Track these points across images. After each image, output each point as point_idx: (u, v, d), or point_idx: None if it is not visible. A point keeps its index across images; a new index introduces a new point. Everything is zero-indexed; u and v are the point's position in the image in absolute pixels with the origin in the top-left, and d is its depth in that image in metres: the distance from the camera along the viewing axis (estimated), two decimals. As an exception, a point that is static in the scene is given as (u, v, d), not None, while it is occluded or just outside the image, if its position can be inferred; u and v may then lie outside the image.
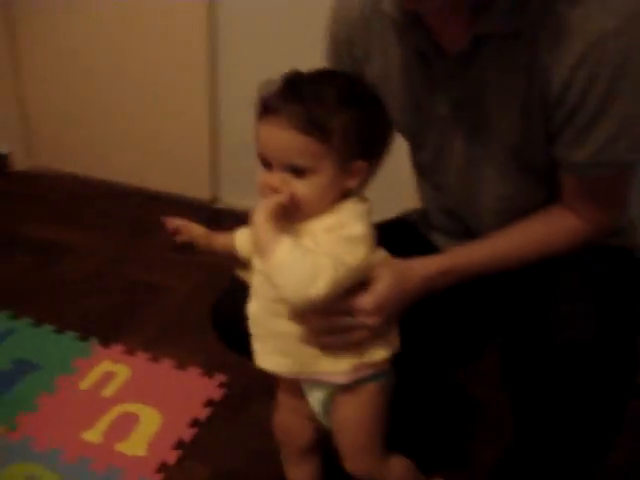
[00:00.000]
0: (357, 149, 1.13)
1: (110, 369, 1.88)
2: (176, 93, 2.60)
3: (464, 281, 1.23)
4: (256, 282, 1.21)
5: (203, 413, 1.76)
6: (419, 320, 1.27)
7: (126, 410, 1.76)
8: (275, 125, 1.09)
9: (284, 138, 1.09)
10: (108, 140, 2.78)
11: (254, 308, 1.22)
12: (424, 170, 1.41)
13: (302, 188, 1.11)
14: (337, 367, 1.19)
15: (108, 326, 2.05)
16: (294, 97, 1.09)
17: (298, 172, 1.11)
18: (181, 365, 1.91)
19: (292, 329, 1.17)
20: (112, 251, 2.44)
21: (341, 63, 1.32)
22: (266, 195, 1.12)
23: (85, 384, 1.84)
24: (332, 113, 1.09)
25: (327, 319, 1.15)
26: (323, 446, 1.36)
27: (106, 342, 1.98)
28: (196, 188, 2.72)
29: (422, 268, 1.21)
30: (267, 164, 1.13)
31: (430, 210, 1.46)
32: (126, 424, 1.72)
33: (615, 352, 1.09)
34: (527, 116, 1.16)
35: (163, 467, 1.61)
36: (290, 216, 1.12)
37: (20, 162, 2.92)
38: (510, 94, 1.16)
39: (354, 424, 1.26)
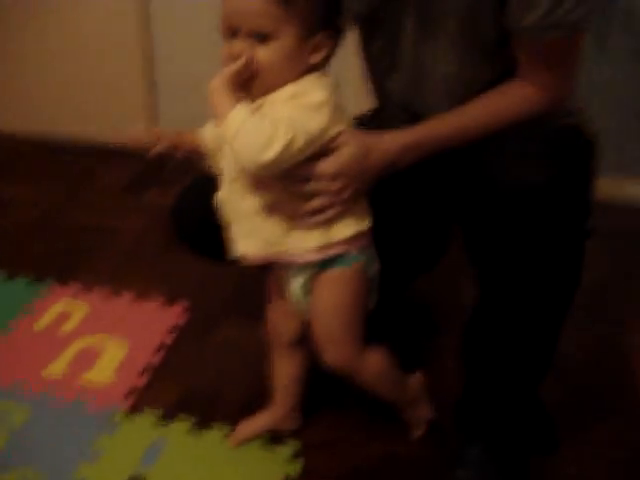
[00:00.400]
0: (319, 20, 1.14)
1: (68, 308, 1.81)
2: (107, 40, 2.53)
3: (427, 156, 1.23)
4: (224, 165, 1.21)
5: (169, 339, 1.71)
6: (382, 206, 1.26)
7: (88, 343, 1.70)
8: None
9: (249, 2, 1.10)
10: (41, 94, 2.69)
11: (223, 193, 1.22)
12: (376, 60, 1.38)
13: (263, 53, 1.12)
14: (305, 244, 1.19)
15: (62, 268, 1.97)
16: None
17: (260, 38, 1.11)
18: (141, 296, 1.86)
19: (257, 205, 1.17)
20: (57, 200, 2.34)
21: None
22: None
23: (42, 324, 1.77)
24: None
25: (289, 186, 1.15)
26: (308, 343, 1.34)
27: (61, 282, 1.91)
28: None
29: (388, 141, 1.21)
30: (230, 34, 1.12)
31: (383, 108, 1.45)
32: (90, 356, 1.66)
33: (565, 196, 1.11)
34: None
35: (133, 391, 1.56)
36: (251, 87, 1.13)
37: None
38: None
39: (329, 310, 1.25)
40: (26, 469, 1.39)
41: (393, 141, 1.22)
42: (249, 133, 1.07)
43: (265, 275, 1.35)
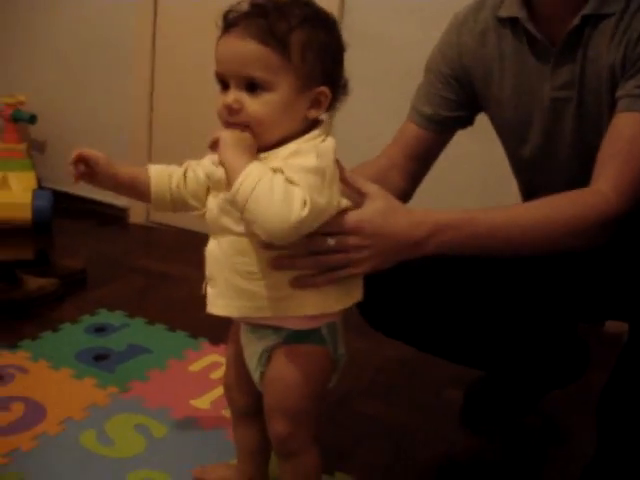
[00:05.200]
0: (317, 73, 1.08)
1: (219, 360, 1.96)
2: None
3: (459, 250, 1.16)
4: (211, 218, 1.15)
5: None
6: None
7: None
8: (233, 36, 1.06)
9: (240, 47, 1.05)
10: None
11: (212, 247, 1.15)
12: (524, 166, 1.48)
13: (256, 105, 1.06)
14: (300, 310, 1.12)
15: (217, 331, 2.13)
16: (257, 12, 1.06)
17: (253, 88, 1.06)
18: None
19: (254, 264, 1.10)
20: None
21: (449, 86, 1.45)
22: (223, 119, 1.08)
23: (195, 367, 1.94)
24: (293, 28, 1.05)
25: (301, 242, 1.07)
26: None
27: (215, 342, 2.07)
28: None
29: (420, 213, 1.14)
30: (224, 84, 1.09)
31: None
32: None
33: None
34: (613, 86, 1.26)
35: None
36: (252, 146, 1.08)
37: (137, 215, 3.13)
38: (603, 68, 1.27)
39: (287, 383, 1.17)
40: (159, 473, 1.51)
41: (425, 214, 1.14)
42: (268, 198, 1.00)
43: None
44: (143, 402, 1.73)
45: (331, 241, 1.09)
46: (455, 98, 1.47)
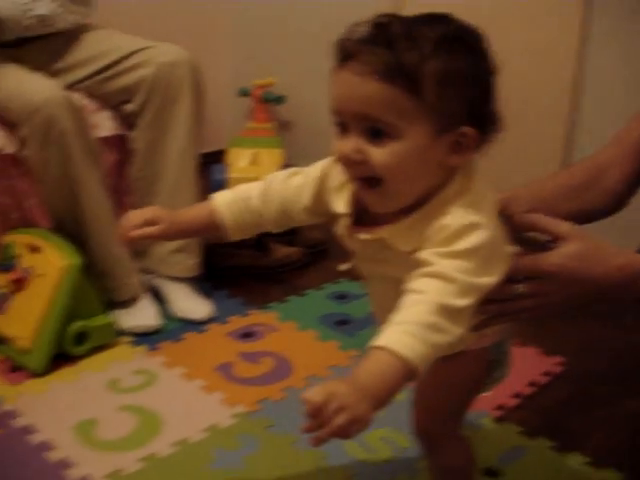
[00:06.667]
0: (458, 111, 0.88)
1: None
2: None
3: None
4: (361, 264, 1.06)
5: (543, 379, 1.80)
6: None
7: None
8: (351, 70, 0.87)
9: (360, 86, 0.86)
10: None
11: (376, 289, 1.11)
12: None
13: (382, 155, 0.87)
14: (477, 343, 1.08)
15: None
16: (379, 39, 0.87)
17: (378, 134, 0.87)
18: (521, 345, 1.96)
19: None
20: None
21: None
22: (345, 169, 0.94)
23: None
24: (426, 58, 0.85)
25: (492, 293, 0.95)
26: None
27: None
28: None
29: (623, 255, 1.01)
30: (343, 127, 0.91)
31: None
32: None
33: None
34: None
35: (502, 407, 1.67)
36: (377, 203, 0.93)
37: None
38: None
39: (438, 384, 1.12)
40: (397, 433, 1.56)
41: (631, 257, 1.01)
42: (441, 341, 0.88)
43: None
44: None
45: (521, 288, 1.00)
46: None
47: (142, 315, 1.93)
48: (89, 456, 1.48)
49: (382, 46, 0.85)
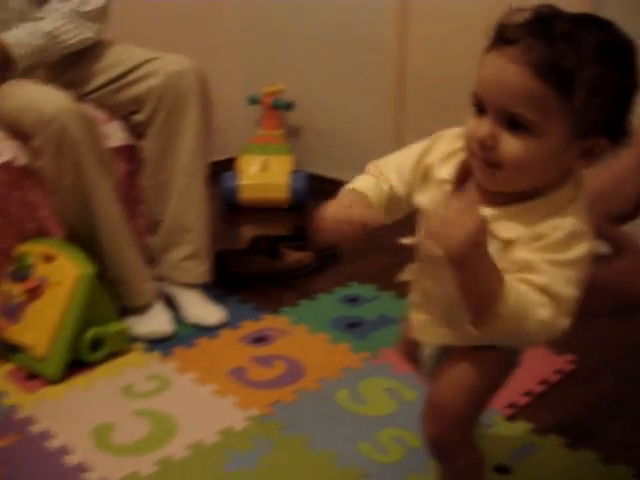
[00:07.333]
0: (600, 121, 0.89)
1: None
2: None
3: None
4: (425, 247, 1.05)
5: (553, 377, 1.81)
6: None
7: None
8: (506, 56, 0.87)
9: (512, 74, 0.86)
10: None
11: (414, 272, 1.11)
12: None
13: (515, 147, 0.88)
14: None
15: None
16: (541, 31, 0.87)
17: (516, 126, 0.88)
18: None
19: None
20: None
21: None
22: (469, 149, 0.95)
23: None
24: (585, 64, 0.86)
25: None
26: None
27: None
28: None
29: None
30: (481, 108, 0.91)
31: None
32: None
33: None
34: None
35: (513, 405, 1.69)
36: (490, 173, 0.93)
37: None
38: None
39: (455, 384, 1.11)
40: (409, 433, 1.57)
41: None
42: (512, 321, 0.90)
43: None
44: (393, 368, 1.81)
45: None
46: None
47: (155, 321, 1.96)
48: (106, 460, 1.51)
49: (543, 41, 0.85)
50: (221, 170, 3.05)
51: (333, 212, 1.03)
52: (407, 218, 1.17)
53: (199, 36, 3.20)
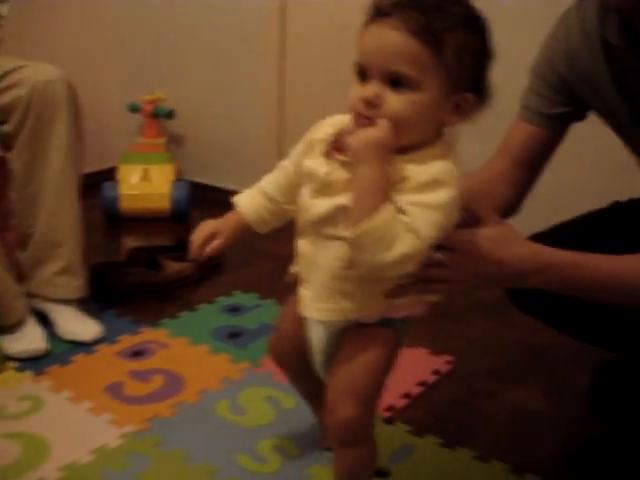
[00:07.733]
0: (467, 78, 1.04)
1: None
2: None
3: (564, 290, 1.16)
4: (311, 220, 1.13)
5: (431, 379, 1.84)
6: None
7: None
8: (384, 26, 1.00)
9: (392, 38, 0.99)
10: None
11: (308, 249, 1.16)
12: None
13: (398, 102, 1.00)
14: (389, 312, 1.15)
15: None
16: (413, 5, 1.00)
17: (398, 84, 1.00)
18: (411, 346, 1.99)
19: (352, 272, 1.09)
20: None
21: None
22: (357, 111, 1.03)
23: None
24: (451, 28, 1.00)
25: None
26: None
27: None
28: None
29: (529, 247, 1.14)
30: (363, 75, 1.03)
31: None
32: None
33: None
34: None
35: (391, 408, 1.70)
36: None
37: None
38: None
39: (360, 365, 1.16)
40: (288, 441, 1.58)
41: (536, 250, 1.13)
42: (385, 249, 0.99)
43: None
44: (273, 376, 1.80)
45: (438, 255, 1.08)
46: (566, 100, 1.40)
47: (28, 339, 1.89)
48: (-29, 488, 1.44)
49: (416, 12, 0.99)
50: (102, 180, 2.98)
51: (197, 235, 1.30)
52: (286, 227, 1.28)
53: (73, 46, 3.11)
